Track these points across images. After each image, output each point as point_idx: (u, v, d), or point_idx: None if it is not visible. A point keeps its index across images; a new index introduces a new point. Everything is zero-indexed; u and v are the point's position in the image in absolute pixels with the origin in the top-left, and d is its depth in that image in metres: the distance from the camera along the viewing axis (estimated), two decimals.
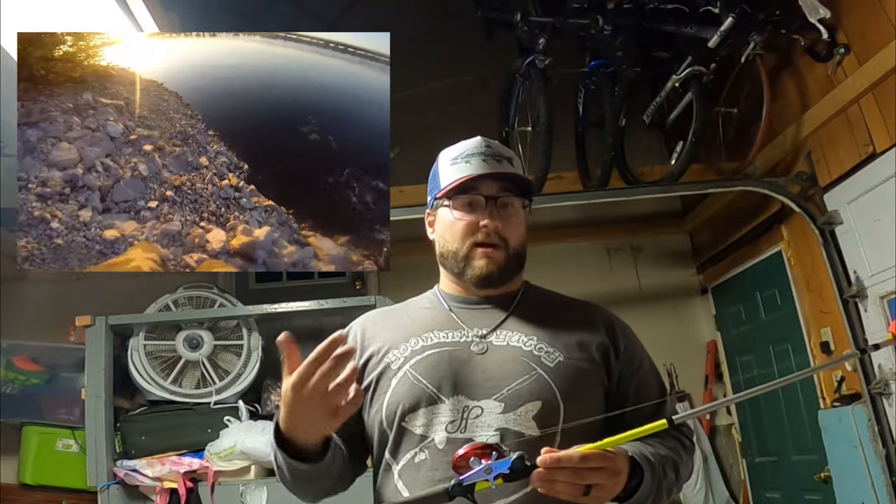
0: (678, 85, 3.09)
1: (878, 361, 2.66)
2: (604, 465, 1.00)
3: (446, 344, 1.21)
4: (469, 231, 1.24)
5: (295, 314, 3.03)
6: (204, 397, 2.97)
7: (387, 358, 1.21)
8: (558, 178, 3.43)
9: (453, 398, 1.14)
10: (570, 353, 1.19)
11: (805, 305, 3.21)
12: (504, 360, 1.18)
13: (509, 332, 1.22)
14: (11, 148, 2.42)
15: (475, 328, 1.23)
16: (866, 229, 2.69)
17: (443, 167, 1.30)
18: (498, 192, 1.24)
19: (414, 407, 1.15)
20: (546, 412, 1.13)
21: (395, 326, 1.27)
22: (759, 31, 2.74)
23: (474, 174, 1.24)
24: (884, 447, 2.59)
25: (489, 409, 1.13)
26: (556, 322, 1.25)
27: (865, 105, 2.62)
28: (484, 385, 1.15)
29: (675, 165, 3.13)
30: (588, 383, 1.19)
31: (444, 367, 1.17)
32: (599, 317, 1.29)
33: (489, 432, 1.11)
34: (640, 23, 3.14)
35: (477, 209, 1.24)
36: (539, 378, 1.15)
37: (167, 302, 3.10)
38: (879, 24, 2.47)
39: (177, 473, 2.76)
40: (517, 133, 3.41)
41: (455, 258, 1.26)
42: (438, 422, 1.13)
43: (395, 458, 1.16)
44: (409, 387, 1.16)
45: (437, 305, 1.30)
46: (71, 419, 3.37)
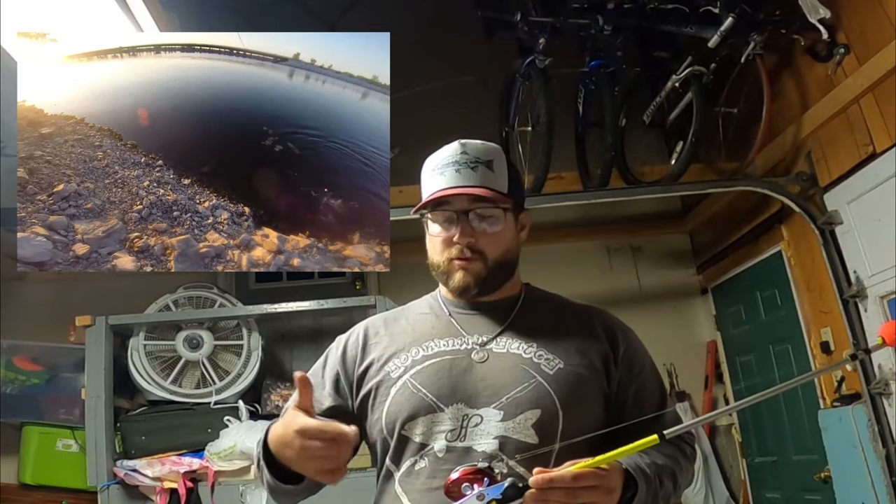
0: (678, 85, 3.09)
1: (878, 361, 2.66)
2: (597, 484, 0.99)
3: (447, 353, 1.21)
4: (445, 246, 1.23)
5: (295, 314, 3.04)
6: (204, 397, 2.97)
7: (387, 366, 1.22)
8: (558, 178, 3.43)
9: (453, 407, 1.14)
10: (570, 360, 1.19)
11: (805, 305, 3.21)
12: (504, 367, 1.18)
13: (509, 339, 1.22)
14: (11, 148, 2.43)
15: (475, 335, 1.23)
16: (866, 229, 2.69)
17: (425, 176, 1.28)
18: (469, 206, 1.22)
19: (413, 416, 1.15)
20: (545, 420, 1.13)
21: (396, 334, 1.27)
22: (759, 31, 2.74)
23: (444, 189, 1.22)
24: (884, 447, 2.59)
25: (488, 417, 1.13)
26: (556, 328, 1.24)
27: (865, 105, 2.62)
28: (483, 393, 1.15)
29: (675, 165, 3.13)
30: (588, 390, 1.19)
31: (444, 376, 1.17)
32: (600, 322, 1.28)
33: (488, 440, 1.11)
34: (640, 23, 3.14)
35: (452, 223, 1.23)
36: (538, 386, 1.15)
37: (167, 302, 3.11)
38: (879, 24, 2.47)
39: (177, 473, 2.76)
40: (517, 133, 3.41)
41: (437, 272, 1.27)
42: (438, 430, 1.13)
43: (396, 465, 1.17)
44: (409, 396, 1.17)
45: (438, 311, 1.30)
46: (71, 419, 3.37)
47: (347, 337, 1.32)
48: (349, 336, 1.31)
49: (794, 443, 3.36)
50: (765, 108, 2.87)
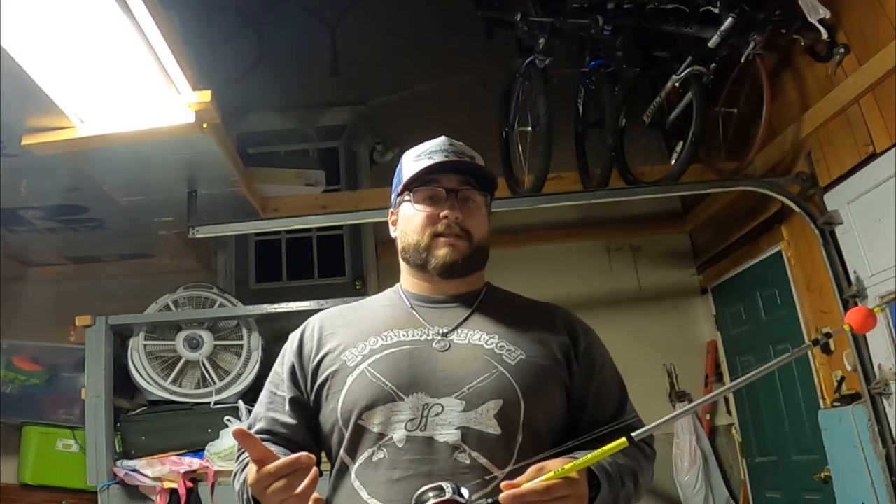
0: (678, 85, 3.09)
1: (877, 361, 2.66)
2: (568, 493, 0.99)
3: (406, 342, 1.19)
4: (429, 221, 1.23)
5: (295, 314, 3.03)
6: (204, 397, 2.97)
7: (343, 356, 1.20)
8: (558, 178, 3.42)
9: (413, 396, 1.13)
10: (532, 352, 1.19)
11: (805, 305, 3.21)
12: (465, 358, 1.17)
13: (471, 331, 1.21)
14: (11, 148, 2.43)
15: (436, 326, 1.22)
16: (866, 229, 2.69)
17: (406, 165, 1.30)
18: (459, 186, 1.25)
19: (371, 405, 1.13)
20: (507, 410, 1.12)
21: (354, 324, 1.26)
22: (759, 31, 2.74)
23: (436, 164, 1.24)
24: (884, 447, 2.58)
25: (450, 406, 1.12)
26: (517, 321, 1.24)
27: (865, 105, 2.61)
28: (444, 383, 1.13)
29: (675, 165, 3.12)
30: (549, 382, 1.19)
31: (403, 365, 1.16)
32: (561, 318, 1.28)
33: (450, 430, 1.10)
34: (640, 23, 3.13)
35: (438, 201, 1.24)
36: (500, 376, 1.14)
37: (167, 302, 3.10)
38: (879, 24, 2.46)
39: (177, 473, 2.76)
40: (517, 133, 3.41)
41: (417, 250, 1.25)
42: (397, 420, 1.12)
43: (352, 457, 1.14)
44: (367, 384, 1.15)
45: (398, 303, 1.29)
46: (71, 419, 3.37)
47: (303, 330, 1.30)
48: (304, 329, 1.30)
49: (794, 443, 3.36)
50: (765, 108, 2.87)
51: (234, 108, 3.14)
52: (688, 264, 4.30)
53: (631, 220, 4.21)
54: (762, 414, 3.65)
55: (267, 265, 4.13)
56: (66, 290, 3.87)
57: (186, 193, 2.97)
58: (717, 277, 4.04)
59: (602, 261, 4.25)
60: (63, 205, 3.17)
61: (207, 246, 3.99)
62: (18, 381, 3.44)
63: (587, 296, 4.00)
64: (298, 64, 4.21)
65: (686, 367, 4.02)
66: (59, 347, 3.40)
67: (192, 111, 2.21)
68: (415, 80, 4.15)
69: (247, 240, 4.10)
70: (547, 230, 4.04)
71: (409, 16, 4.15)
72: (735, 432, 3.93)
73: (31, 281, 4.01)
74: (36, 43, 1.81)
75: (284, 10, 4.24)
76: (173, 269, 3.96)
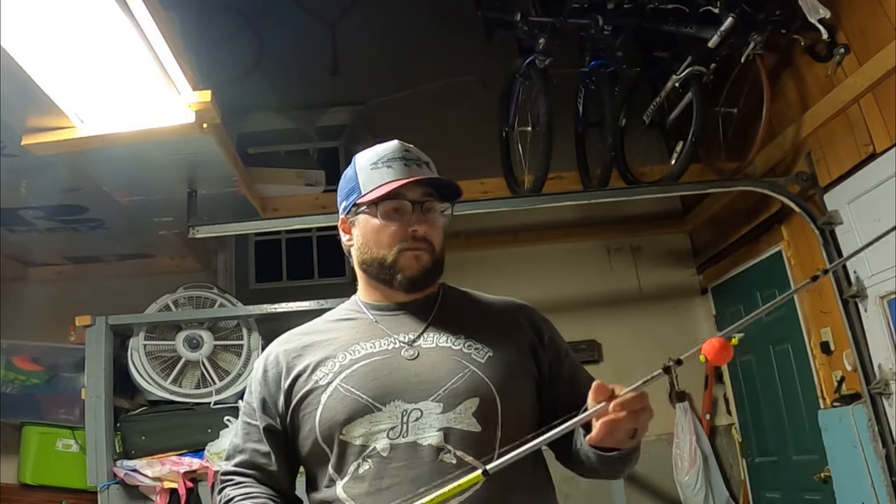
0: (678, 85, 3.09)
1: (877, 361, 2.66)
2: (646, 405, 1.03)
3: (375, 354, 1.20)
4: (398, 237, 1.23)
5: (295, 314, 3.03)
6: (204, 397, 2.97)
7: (314, 375, 1.19)
8: (558, 178, 3.42)
9: (390, 405, 1.13)
10: (499, 348, 1.21)
11: (805, 305, 3.21)
12: (435, 361, 1.18)
13: (436, 334, 1.22)
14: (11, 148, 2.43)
15: (401, 334, 1.22)
16: (866, 229, 2.69)
17: (362, 172, 1.28)
18: (422, 197, 1.24)
19: (349, 419, 1.13)
20: (485, 407, 1.14)
21: (318, 344, 1.25)
22: (759, 31, 2.74)
23: (402, 179, 1.22)
24: (884, 447, 2.58)
25: (428, 410, 1.13)
26: (480, 319, 1.27)
27: (865, 105, 2.61)
28: (419, 388, 1.14)
29: (675, 165, 3.12)
30: (519, 376, 1.21)
31: (376, 376, 1.16)
32: (521, 312, 1.31)
33: (432, 433, 1.11)
34: (640, 23, 3.13)
35: (404, 215, 1.23)
36: (473, 375, 1.16)
37: (167, 302, 3.10)
38: (879, 24, 2.46)
39: (177, 473, 2.76)
40: (517, 133, 3.41)
41: (381, 265, 1.24)
42: (378, 430, 1.12)
43: (339, 473, 1.14)
44: (342, 399, 1.15)
45: (359, 315, 1.29)
46: (71, 419, 3.37)
47: (265, 358, 1.28)
48: (266, 357, 1.28)
49: (794, 443, 3.36)
50: (765, 108, 2.87)
51: (234, 108, 3.13)
52: (688, 264, 4.29)
53: (631, 220, 4.21)
54: (762, 414, 3.65)
55: (267, 265, 4.13)
56: (66, 290, 3.87)
57: (186, 193, 2.97)
58: (717, 277, 4.04)
59: (602, 261, 4.25)
60: (63, 205, 3.16)
61: (207, 246, 3.99)
62: (18, 381, 3.44)
63: (587, 296, 4.01)
64: (298, 64, 4.21)
65: (686, 367, 3.93)
66: (59, 347, 3.40)
67: (192, 111, 2.21)
68: (415, 81, 4.15)
69: (247, 240, 4.10)
70: (547, 230, 4.04)
71: (408, 16, 4.15)
72: (735, 432, 3.93)
73: (31, 281, 4.01)
74: (36, 43, 1.80)
75: (284, 10, 4.24)
76: (173, 269, 3.96)
